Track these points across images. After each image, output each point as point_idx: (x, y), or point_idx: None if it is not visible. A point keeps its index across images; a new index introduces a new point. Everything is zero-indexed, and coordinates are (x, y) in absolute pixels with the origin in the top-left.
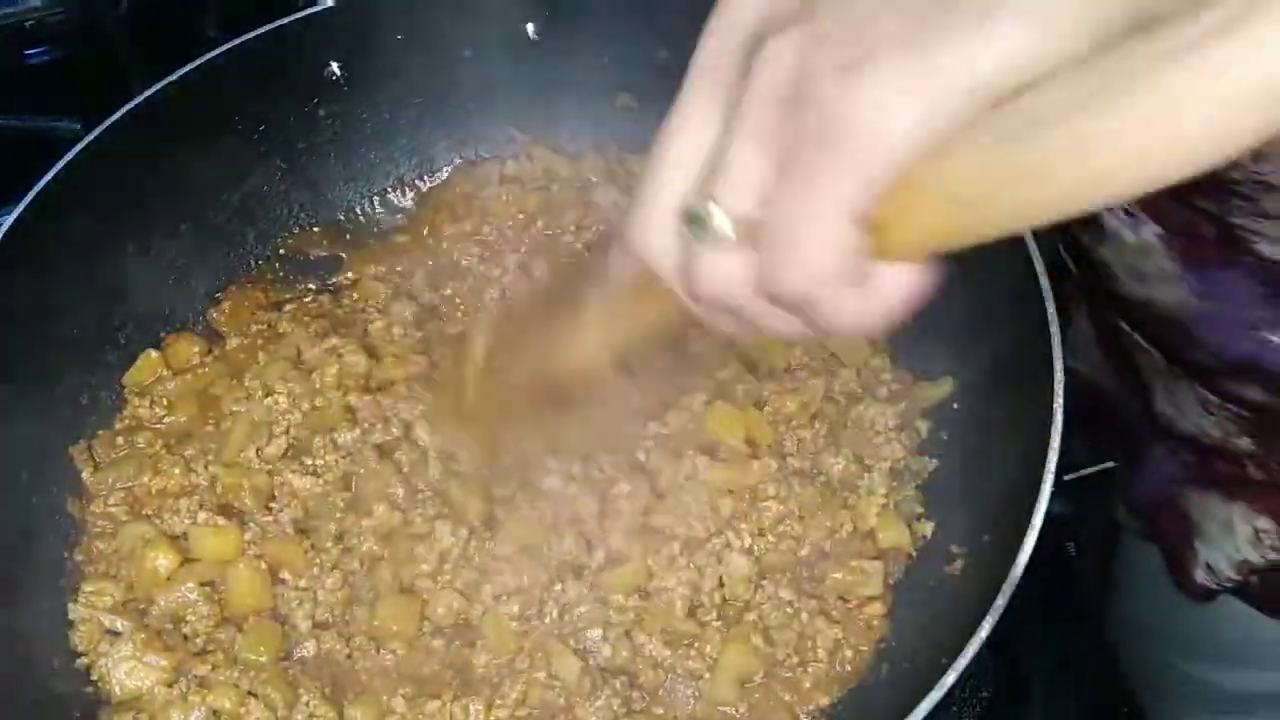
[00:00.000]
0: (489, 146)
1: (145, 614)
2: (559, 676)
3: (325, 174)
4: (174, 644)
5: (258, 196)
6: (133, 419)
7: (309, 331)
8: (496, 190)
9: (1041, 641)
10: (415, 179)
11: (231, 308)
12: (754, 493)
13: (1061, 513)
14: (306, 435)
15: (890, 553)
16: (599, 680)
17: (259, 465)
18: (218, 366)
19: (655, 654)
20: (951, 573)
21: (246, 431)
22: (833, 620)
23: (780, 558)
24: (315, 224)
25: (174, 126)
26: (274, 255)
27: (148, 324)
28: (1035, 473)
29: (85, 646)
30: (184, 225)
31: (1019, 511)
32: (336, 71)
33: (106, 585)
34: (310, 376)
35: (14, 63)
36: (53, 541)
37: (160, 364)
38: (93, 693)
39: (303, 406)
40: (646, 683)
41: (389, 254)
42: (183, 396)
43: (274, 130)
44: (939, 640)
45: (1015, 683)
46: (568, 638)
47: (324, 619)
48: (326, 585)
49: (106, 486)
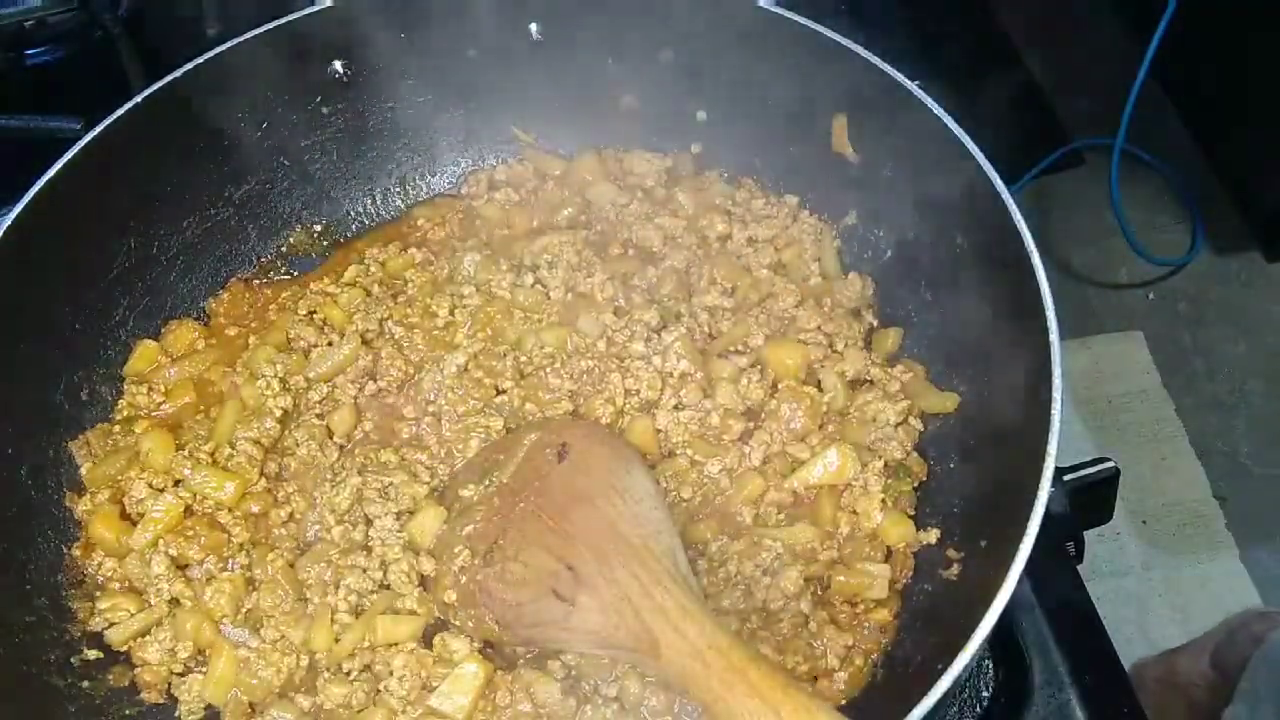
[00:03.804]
0: (491, 146)
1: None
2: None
3: (328, 172)
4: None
5: (260, 194)
6: (130, 407)
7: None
8: (488, 193)
9: (1041, 641)
10: (417, 178)
11: (230, 299)
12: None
13: (1061, 513)
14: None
15: (896, 555)
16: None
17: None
18: (214, 354)
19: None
20: (949, 576)
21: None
22: (842, 628)
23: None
24: (317, 221)
25: (174, 126)
26: (275, 252)
27: (148, 320)
28: (1033, 477)
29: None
30: (186, 222)
31: (1016, 515)
32: (340, 70)
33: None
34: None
35: (14, 63)
36: (51, 536)
37: (159, 352)
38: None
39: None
40: (659, 704)
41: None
42: (180, 384)
43: (276, 128)
44: (938, 642)
45: (1015, 683)
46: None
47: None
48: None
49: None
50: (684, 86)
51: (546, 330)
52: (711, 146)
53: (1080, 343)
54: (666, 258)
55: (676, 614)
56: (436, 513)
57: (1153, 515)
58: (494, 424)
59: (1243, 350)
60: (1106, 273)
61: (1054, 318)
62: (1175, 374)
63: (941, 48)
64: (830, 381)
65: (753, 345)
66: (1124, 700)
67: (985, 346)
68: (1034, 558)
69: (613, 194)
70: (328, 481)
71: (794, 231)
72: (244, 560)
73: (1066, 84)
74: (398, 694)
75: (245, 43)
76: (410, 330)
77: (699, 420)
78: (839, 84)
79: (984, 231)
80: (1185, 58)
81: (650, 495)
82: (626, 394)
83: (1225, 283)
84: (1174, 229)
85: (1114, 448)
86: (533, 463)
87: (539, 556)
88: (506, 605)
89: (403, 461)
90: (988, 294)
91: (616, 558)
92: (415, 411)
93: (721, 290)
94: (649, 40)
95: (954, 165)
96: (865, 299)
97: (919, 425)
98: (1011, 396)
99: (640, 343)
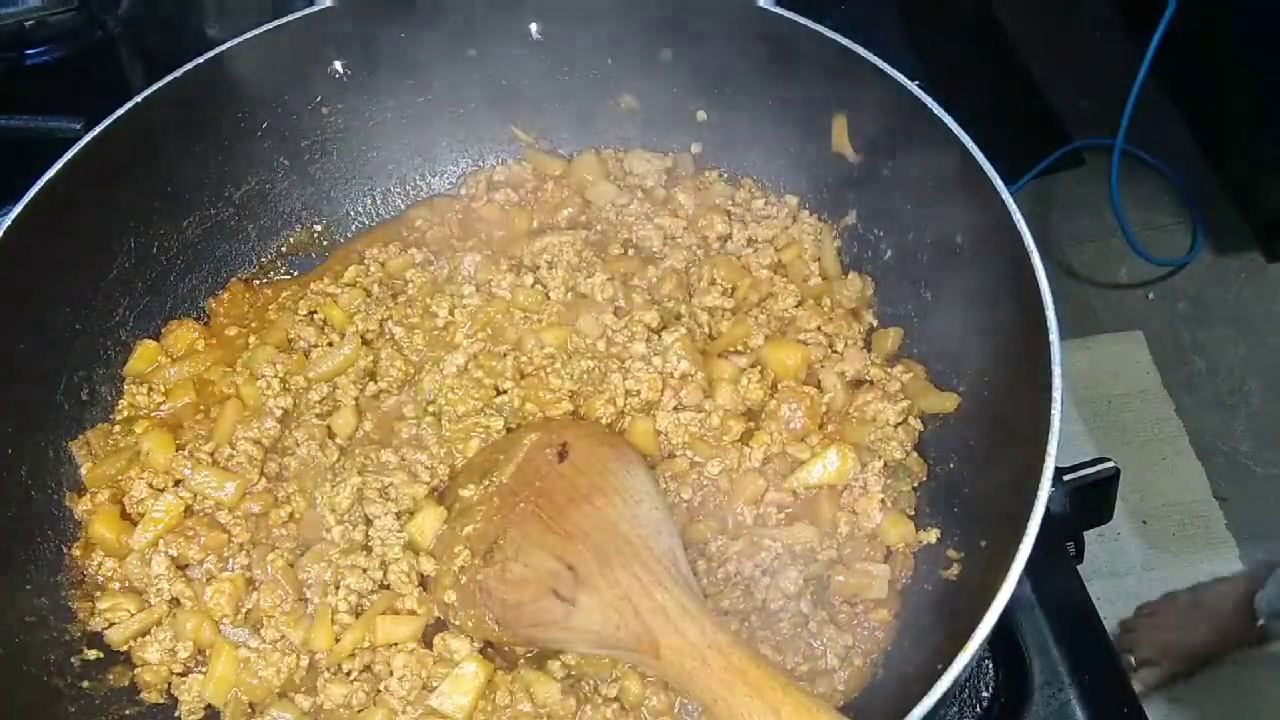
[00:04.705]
0: (491, 146)
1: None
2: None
3: (328, 172)
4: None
5: (260, 194)
6: (131, 408)
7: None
8: (488, 193)
9: (1041, 642)
10: (417, 178)
11: (230, 299)
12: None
13: (1061, 513)
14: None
15: (896, 555)
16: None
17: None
18: (214, 354)
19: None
20: (949, 576)
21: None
22: (842, 628)
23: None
24: (317, 221)
25: (174, 126)
26: (275, 252)
27: (148, 320)
28: (1033, 477)
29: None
30: (186, 222)
31: (1016, 515)
32: (340, 69)
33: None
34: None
35: (14, 63)
36: (51, 536)
37: (159, 352)
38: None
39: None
40: (659, 704)
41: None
42: (180, 384)
43: (277, 128)
44: (938, 642)
45: (1015, 683)
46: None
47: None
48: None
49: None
50: (684, 86)
51: (546, 330)
52: (711, 146)
53: (1080, 343)
54: (666, 258)
55: (677, 614)
56: (436, 513)
57: (1153, 515)
58: (494, 424)
59: (1243, 350)
60: (1106, 273)
61: (1054, 318)
62: (1175, 374)
63: (941, 48)
64: (830, 381)
65: (753, 345)
66: (1124, 700)
67: (985, 346)
68: (1034, 558)
69: (613, 194)
70: (328, 482)
71: (794, 231)
72: (244, 560)
73: (1066, 84)
74: (398, 694)
75: (245, 43)
76: (410, 330)
77: (699, 421)
78: (839, 84)
79: (984, 232)
80: (1185, 58)
81: (650, 495)
82: (626, 394)
83: (1225, 283)
84: (1174, 229)
85: (1114, 448)
86: (533, 463)
87: (539, 556)
88: (506, 605)
89: (403, 461)
90: (988, 294)
91: (617, 558)
92: (415, 411)
93: (721, 290)
94: (649, 40)
95: (954, 165)
96: (865, 299)
97: (919, 425)
98: (1011, 396)
99: (640, 343)
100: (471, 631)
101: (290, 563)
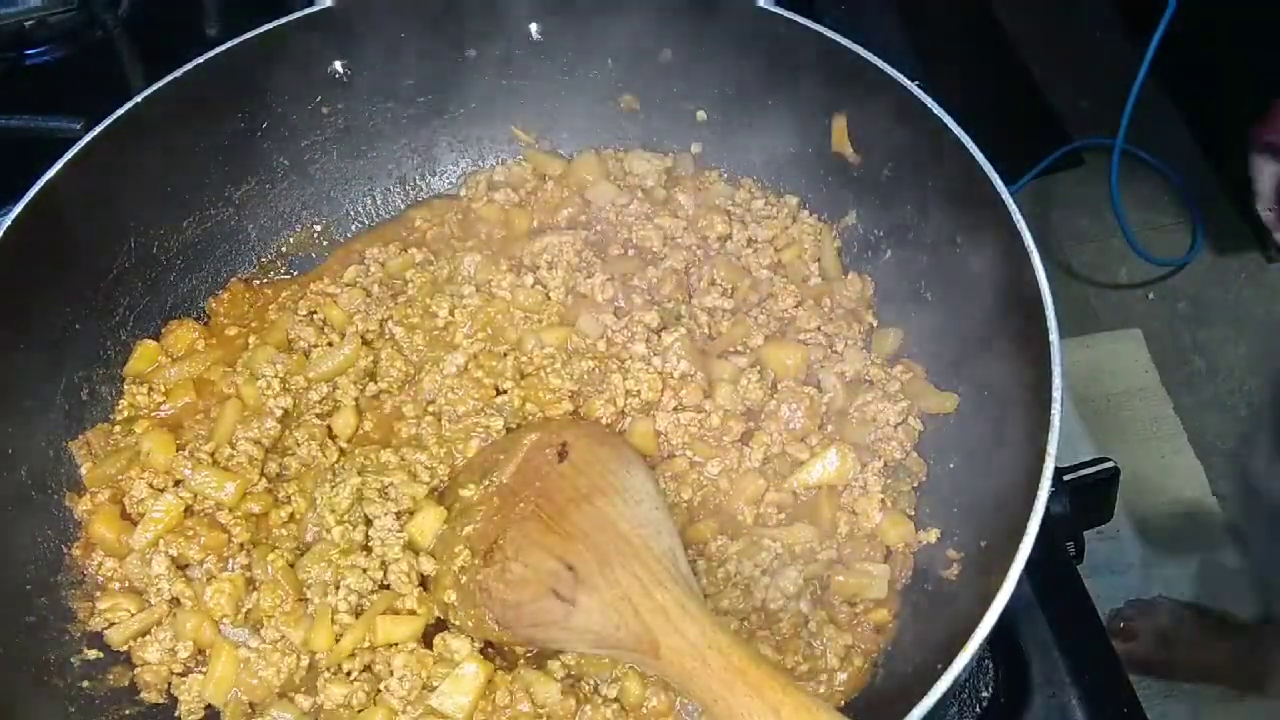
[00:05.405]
0: (491, 146)
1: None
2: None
3: (328, 172)
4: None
5: (260, 194)
6: (131, 408)
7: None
8: (487, 193)
9: (1041, 642)
10: (417, 178)
11: (230, 299)
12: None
13: (1061, 513)
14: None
15: (896, 555)
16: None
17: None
18: (214, 354)
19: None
20: (949, 576)
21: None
22: (841, 628)
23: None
24: (317, 221)
25: (174, 126)
26: (275, 252)
27: (148, 320)
28: (1033, 477)
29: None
30: (186, 222)
31: (1016, 515)
32: (340, 70)
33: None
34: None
35: (14, 63)
36: (51, 536)
37: (159, 352)
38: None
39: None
40: (659, 704)
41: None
42: (180, 384)
43: (276, 128)
44: (938, 642)
45: (1015, 683)
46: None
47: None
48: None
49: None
50: (684, 86)
51: (546, 330)
52: (711, 146)
53: (1080, 342)
54: (666, 258)
55: (677, 614)
56: (436, 513)
57: (1153, 515)
58: (494, 424)
59: (1243, 350)
60: (1106, 273)
61: (1054, 318)
62: (1175, 373)
63: (941, 48)
64: (830, 382)
65: (752, 346)
66: (1124, 700)
67: (985, 347)
68: (1034, 558)
69: (613, 194)
70: (328, 482)
71: (794, 232)
72: (244, 560)
73: (1066, 84)
74: (398, 694)
75: (245, 43)
76: (410, 330)
77: (699, 422)
78: (839, 84)
79: (984, 231)
80: (1185, 58)
81: (650, 495)
82: (626, 395)
83: (1225, 283)
84: (1174, 229)
85: (1114, 447)
86: (533, 463)
87: (539, 556)
88: (506, 605)
89: (403, 461)
90: (988, 294)
91: (616, 558)
92: (415, 411)
93: (721, 291)
94: (649, 40)
95: (954, 165)
96: (865, 299)
97: (919, 425)
98: (1011, 396)
99: (640, 343)
100: (472, 631)
101: (290, 563)
